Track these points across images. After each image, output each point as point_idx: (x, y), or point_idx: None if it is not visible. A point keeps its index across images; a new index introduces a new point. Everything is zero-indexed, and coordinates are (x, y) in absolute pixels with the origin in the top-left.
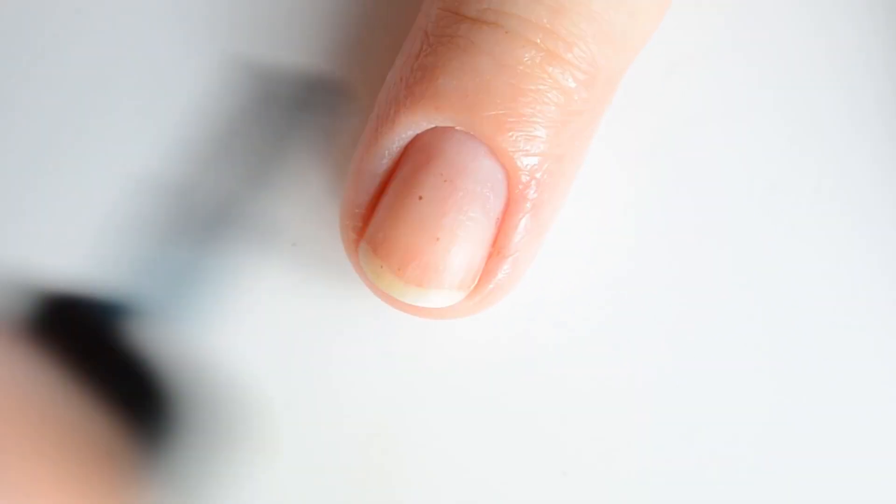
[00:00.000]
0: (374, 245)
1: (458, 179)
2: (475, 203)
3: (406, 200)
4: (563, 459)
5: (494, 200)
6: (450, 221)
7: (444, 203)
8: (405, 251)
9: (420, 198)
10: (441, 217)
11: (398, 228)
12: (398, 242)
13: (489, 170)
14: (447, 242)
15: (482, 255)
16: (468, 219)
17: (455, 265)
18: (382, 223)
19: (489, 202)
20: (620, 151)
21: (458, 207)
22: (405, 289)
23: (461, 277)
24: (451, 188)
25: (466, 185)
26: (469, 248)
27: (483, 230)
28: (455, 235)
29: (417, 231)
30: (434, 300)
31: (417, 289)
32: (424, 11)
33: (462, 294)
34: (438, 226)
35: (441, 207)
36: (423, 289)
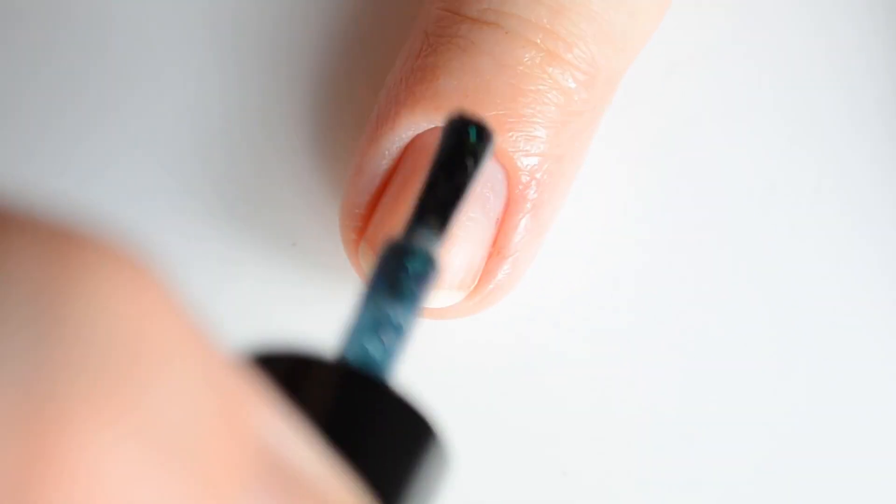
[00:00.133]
0: (375, 245)
1: None
2: (475, 203)
3: (406, 201)
4: (563, 459)
5: (494, 200)
6: None
7: None
8: None
9: None
10: None
11: (398, 229)
12: None
13: (489, 170)
14: (447, 243)
15: (482, 256)
16: (468, 219)
17: (455, 265)
18: (383, 223)
19: (489, 202)
20: (620, 152)
21: None
22: None
23: (461, 277)
24: None
25: None
26: (469, 249)
27: (483, 230)
28: (455, 235)
29: None
30: (434, 300)
31: None
32: (425, 11)
33: (462, 294)
34: None
35: None
36: None
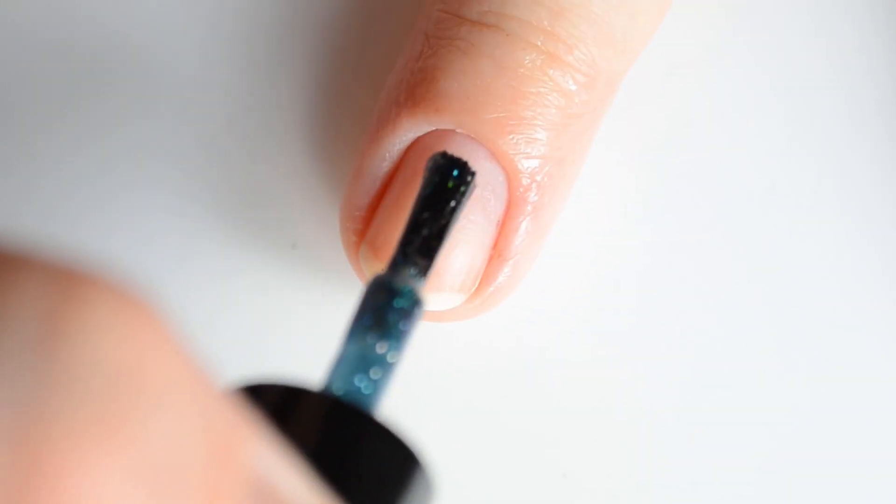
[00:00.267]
0: (375, 248)
1: None
2: (476, 206)
3: (407, 204)
4: (563, 461)
5: (495, 203)
6: None
7: None
8: None
9: None
10: None
11: (399, 232)
12: None
13: (490, 172)
14: (448, 245)
15: (483, 258)
16: (469, 221)
17: (456, 268)
18: (383, 226)
19: (490, 205)
20: (621, 153)
21: None
22: None
23: (462, 280)
24: None
25: None
26: (470, 251)
27: (484, 233)
28: (455, 238)
29: None
30: (435, 303)
31: None
32: (425, 13)
33: (463, 297)
34: None
35: None
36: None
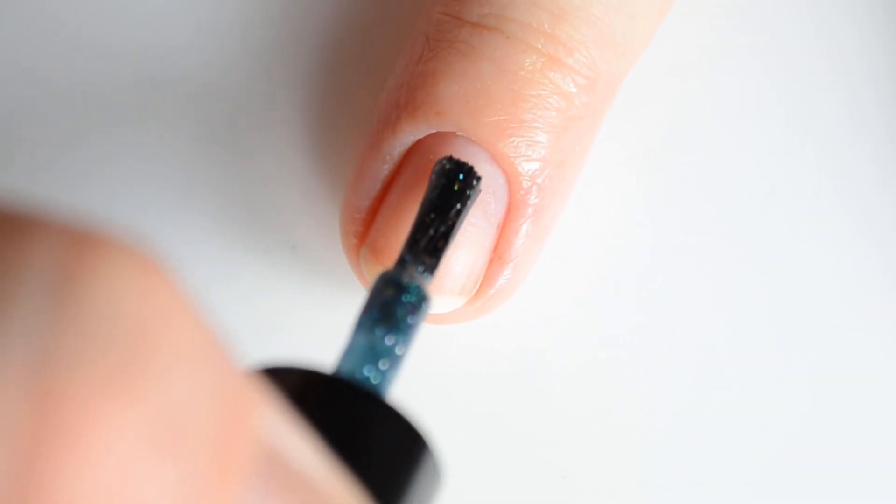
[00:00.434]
0: (376, 251)
1: None
2: (476, 209)
3: (408, 206)
4: (563, 463)
5: (496, 206)
6: None
7: None
8: None
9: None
10: None
11: (400, 235)
12: (400, 249)
13: (490, 175)
14: (450, 248)
15: (483, 261)
16: (469, 224)
17: (456, 270)
18: (384, 229)
19: (490, 207)
20: (621, 155)
21: None
22: None
23: (462, 283)
24: None
25: None
26: (470, 254)
27: (484, 236)
28: (456, 241)
29: None
30: (435, 305)
31: None
32: (425, 15)
33: (463, 299)
34: None
35: None
36: None
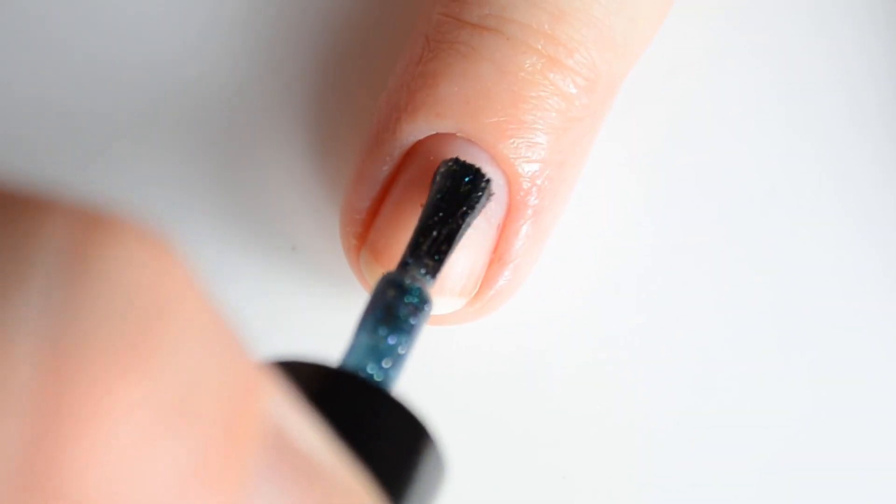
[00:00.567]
0: (376, 252)
1: None
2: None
3: (408, 207)
4: (563, 464)
5: (495, 207)
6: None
7: None
8: None
9: (421, 205)
10: None
11: (400, 236)
12: (400, 251)
13: (490, 176)
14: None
15: (483, 262)
16: (469, 226)
17: (456, 272)
18: (384, 230)
19: (490, 208)
20: (621, 156)
21: None
22: None
23: (462, 284)
24: None
25: None
26: (470, 255)
27: (484, 237)
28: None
29: None
30: (435, 307)
31: None
32: (425, 16)
33: (463, 301)
34: None
35: None
36: None
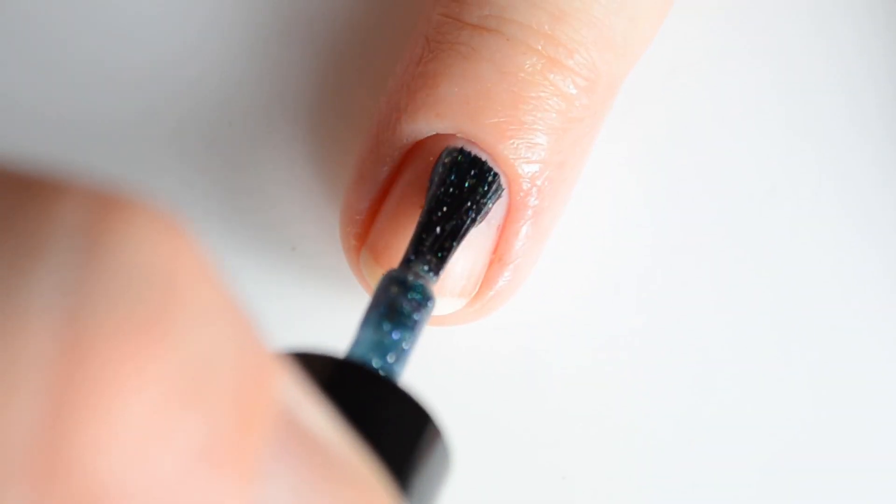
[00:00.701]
0: (376, 253)
1: None
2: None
3: (408, 208)
4: (563, 464)
5: (496, 207)
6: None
7: None
8: None
9: (422, 205)
10: None
11: (400, 236)
12: (400, 251)
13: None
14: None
15: (483, 263)
16: (475, 222)
17: (456, 272)
18: (384, 231)
19: (490, 209)
20: (621, 156)
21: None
22: None
23: (462, 285)
24: None
25: None
26: (470, 256)
27: (484, 237)
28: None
29: None
30: (436, 307)
31: None
32: (425, 17)
33: (463, 301)
34: None
35: None
36: None
